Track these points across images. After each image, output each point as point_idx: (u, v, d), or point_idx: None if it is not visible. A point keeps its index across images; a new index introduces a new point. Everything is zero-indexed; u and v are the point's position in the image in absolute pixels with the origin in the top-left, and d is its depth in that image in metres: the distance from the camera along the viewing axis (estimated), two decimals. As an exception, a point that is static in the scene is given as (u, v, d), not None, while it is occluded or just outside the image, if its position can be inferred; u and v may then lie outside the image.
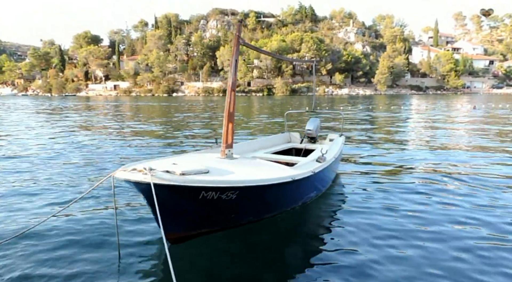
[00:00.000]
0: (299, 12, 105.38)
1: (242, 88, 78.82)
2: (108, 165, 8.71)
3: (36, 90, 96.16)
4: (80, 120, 21.93)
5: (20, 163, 8.95)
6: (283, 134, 8.53)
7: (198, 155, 5.25)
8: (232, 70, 4.78)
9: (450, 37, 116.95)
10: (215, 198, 3.84)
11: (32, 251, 4.20)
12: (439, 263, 3.94)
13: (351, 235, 4.66)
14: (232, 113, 4.90)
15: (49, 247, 4.28)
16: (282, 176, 4.47)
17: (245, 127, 17.48)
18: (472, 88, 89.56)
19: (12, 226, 4.91)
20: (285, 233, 4.85)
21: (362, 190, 6.62)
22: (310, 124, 8.11)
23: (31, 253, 4.14)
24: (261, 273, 3.77)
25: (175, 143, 12.28)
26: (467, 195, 6.25)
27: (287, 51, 77.23)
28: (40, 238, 4.50)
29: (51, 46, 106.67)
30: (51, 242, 4.40)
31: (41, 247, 4.28)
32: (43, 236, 4.56)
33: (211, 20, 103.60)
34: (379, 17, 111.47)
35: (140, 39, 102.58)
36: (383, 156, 9.89)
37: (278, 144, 7.96)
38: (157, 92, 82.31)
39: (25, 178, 7.47)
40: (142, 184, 3.41)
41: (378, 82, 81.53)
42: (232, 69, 4.78)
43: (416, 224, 5.03)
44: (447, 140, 12.70)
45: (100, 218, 5.19)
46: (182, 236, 4.04)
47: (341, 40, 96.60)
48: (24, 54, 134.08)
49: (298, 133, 8.69)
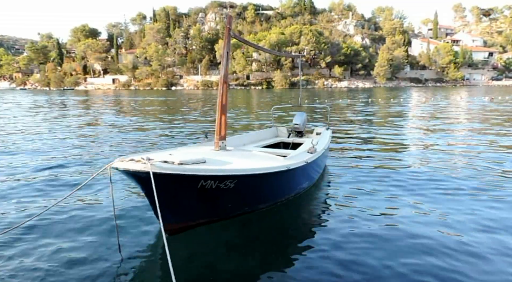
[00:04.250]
0: (298, 5, 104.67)
1: (241, 82, 78.65)
2: (103, 158, 8.77)
3: (34, 84, 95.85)
4: (78, 114, 21.93)
5: (16, 156, 9.00)
6: (270, 129, 8.54)
7: (192, 148, 5.30)
8: (224, 62, 4.81)
9: (450, 29, 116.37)
10: (214, 187, 3.86)
11: (30, 242, 4.23)
12: (435, 252, 3.99)
13: (344, 225, 4.73)
14: (224, 105, 4.95)
15: (46, 239, 4.31)
16: (278, 165, 4.52)
17: (240, 122, 17.49)
18: (472, 80, 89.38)
19: (8, 219, 4.94)
20: (281, 224, 4.90)
21: (351, 180, 6.73)
22: (297, 118, 8.13)
23: (29, 244, 4.17)
24: (258, 265, 3.80)
25: (172, 137, 12.32)
26: (462, 189, 6.31)
27: (286, 44, 76.92)
28: (37, 230, 4.55)
29: (49, 39, 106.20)
30: (47, 234, 4.44)
31: (38, 238, 4.32)
32: (40, 227, 4.61)
33: (210, 13, 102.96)
34: (378, 9, 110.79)
35: (139, 32, 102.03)
36: (372, 148, 9.95)
37: (266, 139, 7.98)
38: (156, 86, 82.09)
39: (21, 171, 7.50)
40: (141, 174, 3.38)
41: (377, 74, 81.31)
42: (224, 61, 4.82)
43: (410, 212, 5.11)
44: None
45: (97, 209, 5.23)
46: (180, 227, 4.05)
47: (340, 33, 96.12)
48: (21, 47, 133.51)
49: (285, 128, 8.70)
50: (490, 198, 5.75)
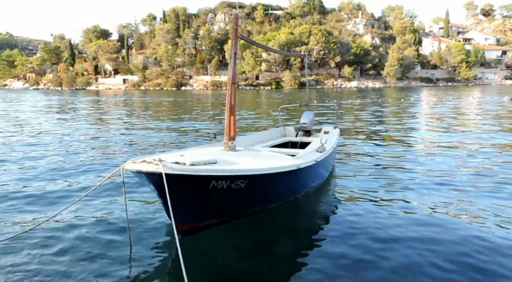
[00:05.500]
0: (307, 4, 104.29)
1: (250, 82, 78.64)
2: (115, 159, 8.86)
3: (47, 84, 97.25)
4: (89, 115, 22.23)
5: (29, 158, 9.09)
6: (278, 128, 8.55)
7: (202, 149, 5.36)
8: (232, 63, 4.87)
9: (461, 27, 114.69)
10: (225, 188, 3.89)
11: (43, 245, 4.26)
12: (445, 255, 3.90)
13: (355, 225, 4.71)
14: (233, 105, 5.00)
15: (60, 241, 4.31)
16: (288, 164, 4.55)
17: (249, 122, 17.54)
18: (484, 80, 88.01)
19: (21, 222, 4.95)
20: (292, 224, 4.91)
21: (360, 179, 6.74)
22: (305, 118, 8.16)
23: (42, 247, 4.21)
24: (269, 266, 3.80)
25: (182, 137, 12.42)
26: (472, 191, 6.27)
27: (295, 44, 76.68)
28: (50, 232, 4.55)
29: (61, 40, 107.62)
30: (61, 236, 4.44)
31: (52, 241, 4.32)
32: (54, 230, 4.61)
33: (219, 13, 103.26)
34: (388, 8, 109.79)
35: (149, 33, 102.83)
36: (382, 148, 9.91)
37: (273, 138, 8.00)
38: (166, 86, 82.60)
39: (34, 173, 7.54)
40: (153, 175, 3.43)
41: (387, 74, 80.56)
42: (232, 62, 4.87)
43: (423, 211, 5.08)
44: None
45: (110, 211, 5.27)
46: (192, 228, 4.08)
47: (350, 32, 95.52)
48: (35, 48, 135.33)
49: (292, 127, 8.71)
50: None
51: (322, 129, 8.64)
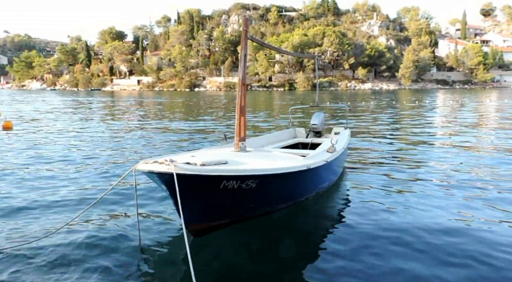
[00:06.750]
0: (322, 6, 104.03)
1: (263, 83, 78.80)
2: (128, 160, 8.92)
3: (63, 85, 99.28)
4: (105, 115, 22.57)
5: (43, 160, 9.04)
6: (288, 130, 8.53)
7: (212, 150, 5.38)
8: (242, 65, 4.89)
9: (479, 29, 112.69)
10: (235, 188, 3.90)
11: (61, 236, 4.34)
12: (456, 260, 3.81)
13: (365, 226, 4.66)
14: (243, 106, 5.01)
15: (74, 245, 4.24)
16: (298, 165, 4.54)
17: (260, 123, 17.55)
18: (502, 82, 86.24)
19: (37, 228, 4.80)
20: (302, 224, 4.88)
21: (370, 180, 6.68)
22: (315, 119, 8.12)
23: (59, 240, 4.26)
24: (278, 267, 3.77)
25: (193, 139, 12.49)
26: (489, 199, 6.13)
27: (309, 45, 76.55)
28: (64, 237, 4.46)
29: (78, 42, 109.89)
30: (74, 241, 4.34)
31: (65, 245, 4.24)
32: (67, 234, 4.52)
33: (233, 15, 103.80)
34: (404, 9, 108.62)
35: (163, 35, 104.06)
36: (396, 151, 9.79)
37: (284, 140, 7.98)
38: (180, 87, 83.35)
39: (47, 175, 7.49)
40: (165, 175, 3.46)
41: (402, 76, 79.66)
42: (242, 63, 4.90)
43: (436, 213, 5.01)
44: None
45: (121, 212, 5.29)
46: (203, 228, 4.09)
47: (364, 34, 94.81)
48: (52, 49, 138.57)
49: (303, 128, 8.68)
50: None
51: (333, 130, 8.60)
